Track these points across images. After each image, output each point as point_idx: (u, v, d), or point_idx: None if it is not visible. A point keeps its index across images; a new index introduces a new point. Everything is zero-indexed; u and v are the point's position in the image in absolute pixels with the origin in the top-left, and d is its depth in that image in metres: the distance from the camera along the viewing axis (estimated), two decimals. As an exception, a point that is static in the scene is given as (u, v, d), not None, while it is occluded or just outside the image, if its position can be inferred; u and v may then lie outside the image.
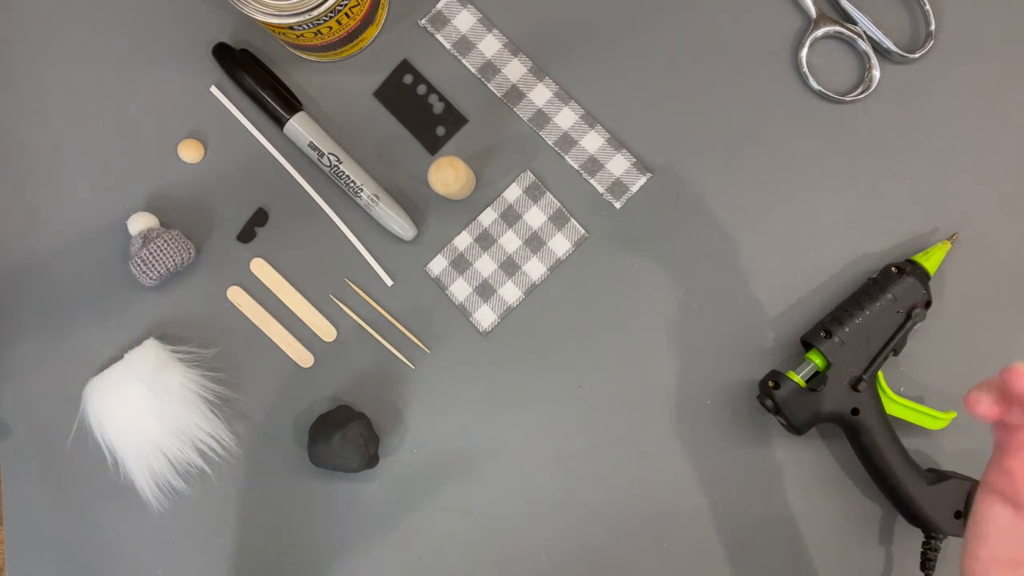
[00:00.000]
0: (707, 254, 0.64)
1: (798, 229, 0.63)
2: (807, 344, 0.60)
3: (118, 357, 0.63)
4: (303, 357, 0.64)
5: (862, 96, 0.63)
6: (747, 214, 0.64)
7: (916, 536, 0.61)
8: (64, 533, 0.64)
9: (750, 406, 0.63)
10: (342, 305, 0.64)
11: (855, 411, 0.58)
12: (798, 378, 0.58)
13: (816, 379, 0.59)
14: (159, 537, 0.63)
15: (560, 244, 0.64)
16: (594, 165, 0.64)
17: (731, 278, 0.63)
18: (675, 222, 0.64)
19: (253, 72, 0.64)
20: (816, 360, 0.59)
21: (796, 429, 0.58)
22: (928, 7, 0.63)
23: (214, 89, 0.65)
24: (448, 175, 0.58)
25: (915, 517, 0.58)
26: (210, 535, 0.63)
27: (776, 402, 0.58)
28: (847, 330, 0.58)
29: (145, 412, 0.62)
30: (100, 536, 0.64)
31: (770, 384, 0.58)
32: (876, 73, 0.63)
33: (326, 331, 0.65)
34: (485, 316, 0.64)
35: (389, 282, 0.64)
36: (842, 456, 0.62)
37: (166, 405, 0.62)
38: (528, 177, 0.64)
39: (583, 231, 0.64)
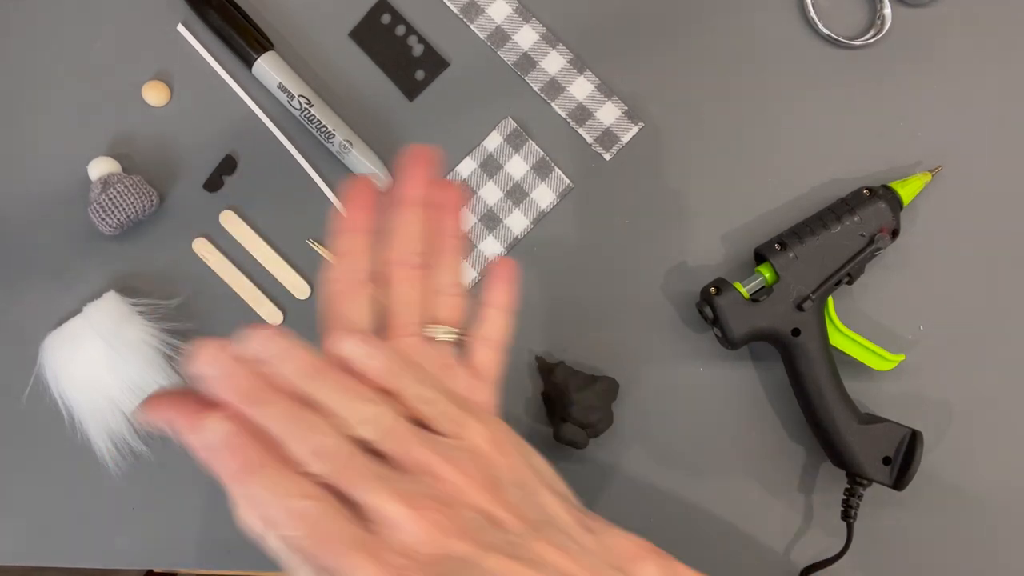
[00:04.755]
0: (697, 210, 0.60)
1: (799, 164, 0.60)
2: (761, 257, 0.57)
3: (77, 310, 0.60)
4: (272, 314, 0.61)
5: (872, 40, 0.60)
6: (738, 157, 0.60)
7: (839, 483, 0.58)
8: (18, 494, 0.61)
9: (689, 316, 0.60)
10: (322, 251, 0.61)
11: (796, 332, 0.55)
12: (743, 289, 0.56)
13: (761, 293, 0.56)
14: (119, 502, 0.61)
15: (544, 195, 0.60)
16: (583, 113, 0.60)
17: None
18: (668, 173, 0.60)
19: (221, 9, 0.60)
20: (766, 274, 0.57)
21: (731, 343, 0.55)
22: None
23: (181, 28, 0.62)
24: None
25: (841, 458, 0.56)
26: (172, 502, 0.60)
27: (715, 309, 0.55)
28: (804, 246, 0.56)
29: (104, 368, 0.59)
30: (57, 499, 0.61)
31: (712, 290, 0.56)
32: (888, 15, 0.60)
33: (299, 288, 0.61)
34: (465, 273, 0.60)
35: (363, 235, 0.61)
36: (773, 387, 0.60)
37: (126, 361, 0.59)
38: (509, 124, 0.60)
39: (568, 181, 0.60)
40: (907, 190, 0.58)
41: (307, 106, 0.59)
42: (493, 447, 0.37)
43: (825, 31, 0.61)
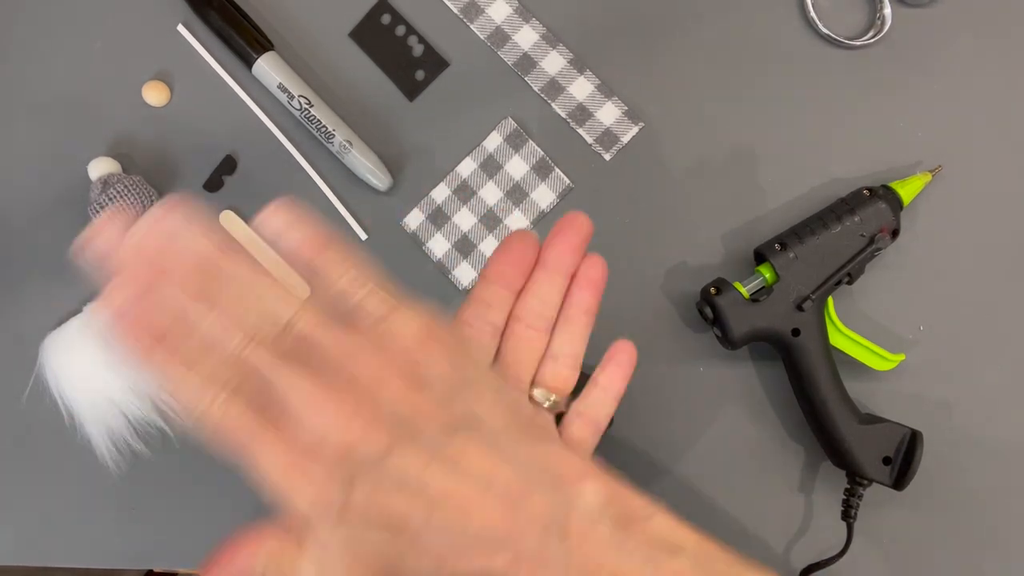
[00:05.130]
0: (697, 210, 0.60)
1: (799, 164, 0.60)
2: (761, 257, 0.57)
3: (77, 310, 0.60)
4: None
5: (872, 40, 0.60)
6: (737, 157, 0.60)
7: (839, 483, 0.58)
8: (18, 494, 0.61)
9: (689, 316, 0.60)
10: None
11: (796, 332, 0.55)
12: (743, 289, 0.56)
13: (761, 293, 0.56)
14: (119, 502, 0.61)
15: (544, 196, 0.60)
16: (583, 113, 0.60)
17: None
18: (668, 173, 0.60)
19: (221, 9, 0.60)
20: (766, 274, 0.56)
21: (732, 343, 0.55)
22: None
23: (181, 28, 0.62)
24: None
25: (841, 458, 0.55)
26: (172, 502, 0.60)
27: (715, 309, 0.55)
28: (804, 246, 0.56)
29: (104, 368, 0.59)
30: (57, 499, 0.61)
31: (712, 290, 0.56)
32: (888, 15, 0.60)
33: (299, 288, 0.61)
34: (465, 274, 0.60)
35: (363, 236, 0.61)
36: (773, 388, 0.59)
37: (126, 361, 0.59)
38: (509, 124, 0.60)
39: (568, 181, 0.60)
40: (907, 190, 0.58)
41: (307, 106, 0.59)
42: (423, 339, 0.35)
43: (825, 31, 0.60)
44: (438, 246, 0.60)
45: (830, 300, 0.56)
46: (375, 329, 0.35)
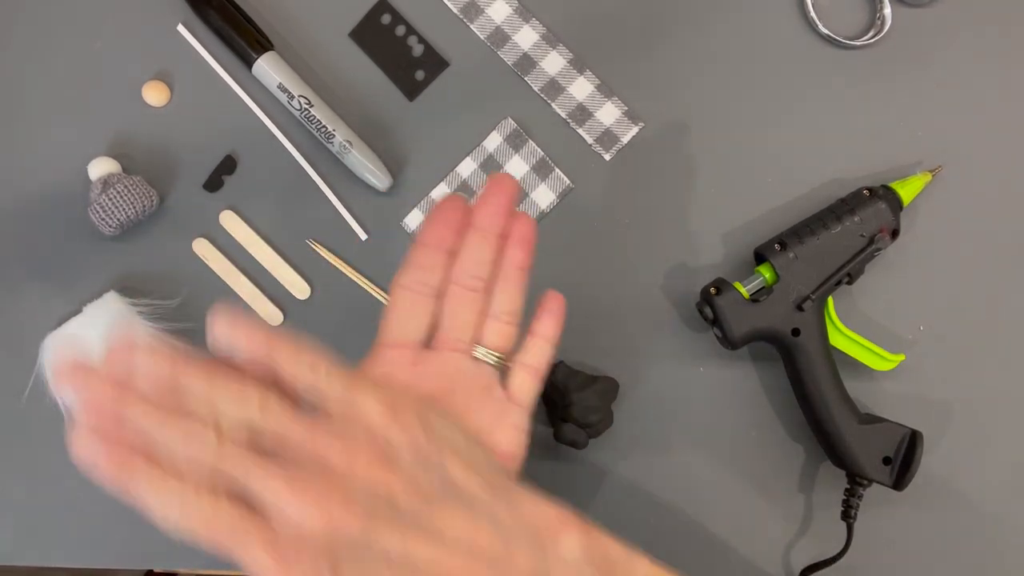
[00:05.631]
0: (697, 210, 0.60)
1: (793, 164, 0.60)
2: (761, 258, 0.57)
3: (77, 310, 0.60)
4: (272, 315, 0.61)
5: (872, 40, 0.60)
6: (737, 157, 0.60)
7: (839, 483, 0.58)
8: (18, 494, 0.61)
9: (689, 316, 0.60)
10: (322, 251, 0.61)
11: (796, 332, 0.55)
12: (743, 289, 0.56)
13: (761, 293, 0.56)
14: (119, 502, 0.60)
15: (544, 195, 0.60)
16: (583, 113, 0.60)
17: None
18: (668, 173, 0.60)
19: (221, 9, 0.60)
20: (766, 274, 0.56)
21: (732, 343, 0.55)
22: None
23: (181, 28, 0.62)
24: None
25: (841, 457, 0.55)
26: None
27: (715, 309, 0.55)
28: (804, 246, 0.56)
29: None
30: (57, 499, 0.61)
31: (712, 290, 0.56)
32: (888, 15, 0.60)
33: (299, 288, 0.61)
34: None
35: (363, 236, 0.61)
36: (773, 387, 0.60)
37: (125, 361, 0.59)
38: (509, 124, 0.60)
39: (568, 181, 0.60)
40: (907, 190, 0.58)
41: (307, 106, 0.59)
42: (388, 416, 0.36)
43: (825, 31, 0.60)
44: (438, 246, 0.60)
45: (830, 300, 0.56)
46: (338, 412, 0.36)
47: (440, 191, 0.60)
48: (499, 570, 0.35)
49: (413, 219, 0.61)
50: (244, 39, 0.60)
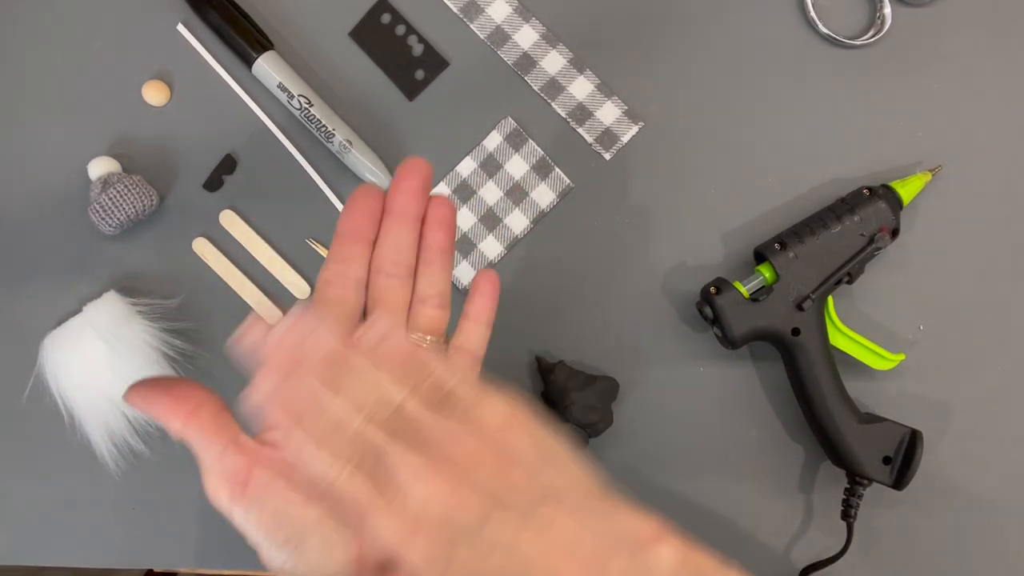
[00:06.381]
0: (697, 210, 0.60)
1: (792, 163, 0.60)
2: (761, 257, 0.57)
3: (77, 310, 0.60)
4: (271, 314, 0.61)
5: (872, 40, 0.60)
6: (737, 157, 0.60)
7: (839, 483, 0.58)
8: (18, 494, 0.61)
9: (689, 316, 0.60)
10: (322, 251, 0.61)
11: (796, 331, 0.55)
12: (743, 289, 0.56)
13: (761, 293, 0.56)
14: (119, 501, 0.61)
15: (544, 195, 0.60)
16: (583, 113, 0.60)
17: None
18: (669, 173, 0.60)
19: (221, 8, 0.60)
20: (766, 273, 0.57)
21: (731, 343, 0.55)
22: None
23: (181, 28, 0.62)
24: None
25: (841, 457, 0.56)
26: (172, 502, 0.60)
27: (715, 309, 0.55)
28: (804, 245, 0.56)
29: (104, 368, 0.59)
30: (57, 499, 0.61)
31: (712, 290, 0.56)
32: (888, 15, 0.60)
33: (299, 288, 0.61)
34: (465, 274, 0.60)
35: (363, 235, 0.61)
36: (773, 387, 0.60)
37: (125, 361, 0.59)
38: (509, 123, 0.60)
39: (568, 181, 0.60)
40: (907, 190, 0.58)
41: (307, 106, 0.59)
42: (510, 423, 0.39)
43: (825, 31, 0.60)
44: (438, 246, 0.60)
45: (830, 300, 0.56)
46: (468, 415, 0.39)
47: (440, 191, 0.60)
48: (595, 571, 0.37)
49: (413, 219, 0.61)
50: (244, 39, 0.60)
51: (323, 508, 0.37)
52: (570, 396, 0.56)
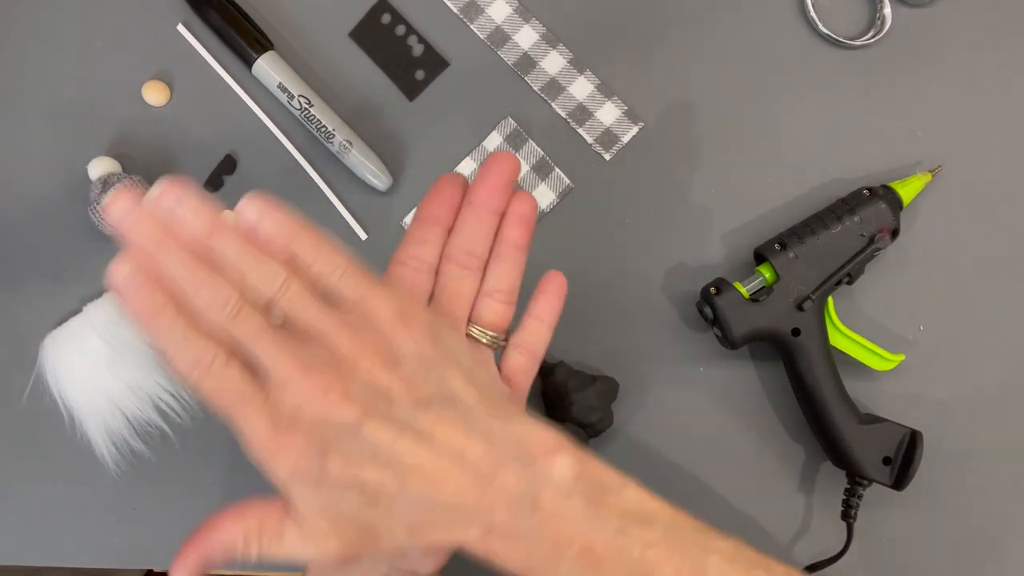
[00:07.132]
0: (697, 210, 0.60)
1: (794, 165, 0.60)
2: (761, 258, 0.57)
3: (77, 310, 0.60)
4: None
5: (872, 40, 0.60)
6: (737, 157, 0.60)
7: (839, 483, 0.58)
8: (18, 494, 0.61)
9: (689, 316, 0.60)
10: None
11: (796, 331, 0.55)
12: (743, 289, 0.56)
13: (761, 293, 0.56)
14: (118, 502, 0.61)
15: (544, 195, 0.60)
16: (583, 113, 0.60)
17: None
18: (668, 173, 0.60)
19: (221, 9, 0.60)
20: (766, 274, 0.57)
21: (731, 343, 0.55)
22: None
23: (181, 28, 0.62)
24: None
25: (841, 458, 0.56)
26: (172, 502, 0.60)
27: (715, 309, 0.55)
28: (804, 246, 0.56)
29: (104, 368, 0.59)
30: (57, 499, 0.61)
31: (712, 290, 0.56)
32: (888, 15, 0.60)
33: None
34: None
35: (363, 236, 0.61)
36: (773, 387, 0.59)
37: (125, 361, 0.59)
38: (509, 124, 0.60)
39: (568, 181, 0.60)
40: (907, 190, 0.58)
41: (307, 106, 0.59)
42: (397, 319, 0.37)
43: (825, 31, 0.60)
44: (438, 246, 0.60)
45: (830, 300, 0.56)
46: (352, 309, 0.36)
47: (440, 191, 0.60)
48: (485, 481, 0.35)
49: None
50: (244, 39, 0.60)
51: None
52: (570, 396, 0.56)
